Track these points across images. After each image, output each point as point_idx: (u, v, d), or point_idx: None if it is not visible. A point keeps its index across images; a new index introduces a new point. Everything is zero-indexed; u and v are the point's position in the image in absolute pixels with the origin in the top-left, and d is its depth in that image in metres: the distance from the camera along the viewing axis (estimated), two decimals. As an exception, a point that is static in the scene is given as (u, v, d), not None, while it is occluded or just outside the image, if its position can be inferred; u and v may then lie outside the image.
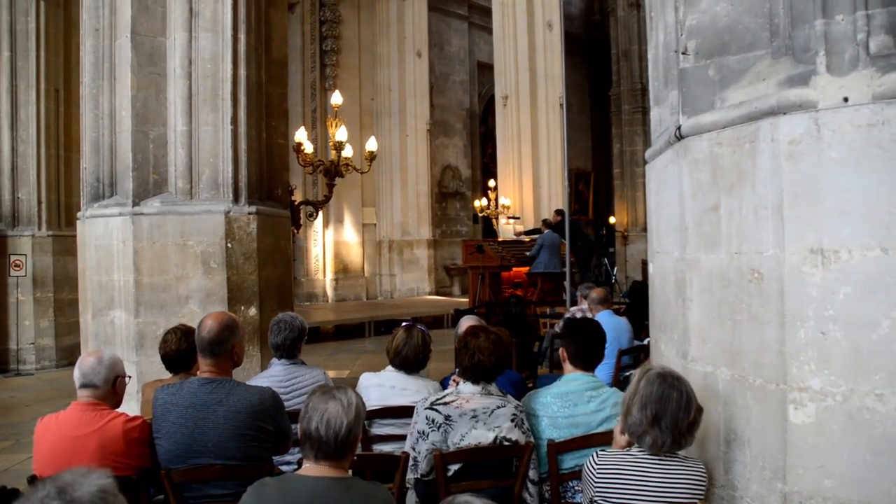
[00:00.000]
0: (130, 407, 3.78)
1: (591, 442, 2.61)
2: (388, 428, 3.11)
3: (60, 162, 8.82)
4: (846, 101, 1.75)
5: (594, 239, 16.47)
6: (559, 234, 10.57)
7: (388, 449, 3.05)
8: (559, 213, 11.66)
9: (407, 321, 3.41)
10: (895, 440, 1.70)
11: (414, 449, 2.65)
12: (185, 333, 3.17)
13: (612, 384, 4.03)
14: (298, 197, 7.98)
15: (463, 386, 2.71)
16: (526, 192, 14.49)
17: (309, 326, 3.48)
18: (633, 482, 2.03)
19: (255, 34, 4.86)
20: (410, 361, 3.21)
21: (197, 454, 2.46)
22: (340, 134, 6.72)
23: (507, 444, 2.59)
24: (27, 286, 8.55)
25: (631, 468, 2.05)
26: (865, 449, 1.74)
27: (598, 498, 2.07)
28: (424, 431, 2.61)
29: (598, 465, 2.09)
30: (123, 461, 2.48)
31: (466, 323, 3.42)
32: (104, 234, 4.75)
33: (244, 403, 2.50)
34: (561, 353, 2.90)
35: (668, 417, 1.98)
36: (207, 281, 4.62)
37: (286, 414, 2.70)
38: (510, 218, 14.20)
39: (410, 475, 2.62)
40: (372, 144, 7.24)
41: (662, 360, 2.52)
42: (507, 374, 3.35)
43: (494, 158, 16.10)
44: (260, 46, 4.98)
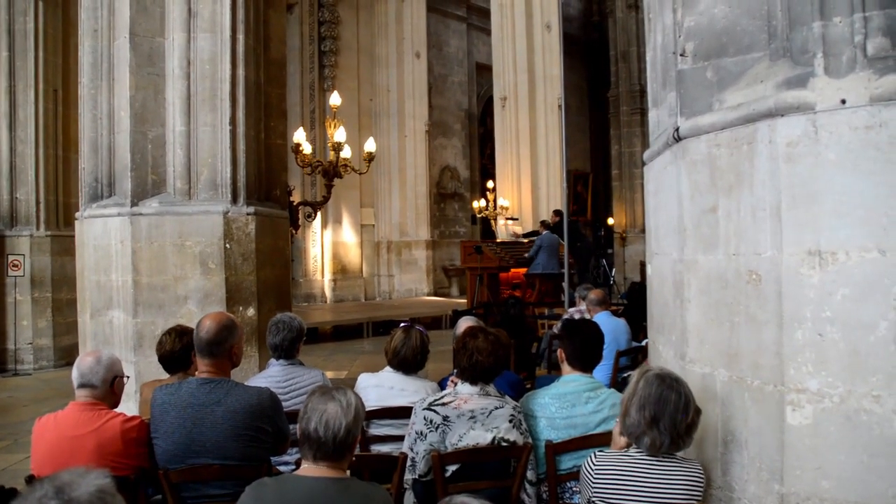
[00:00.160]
0: (129, 407, 3.78)
1: (589, 443, 2.61)
2: (386, 428, 3.11)
3: (59, 162, 8.82)
4: (844, 103, 1.75)
5: (593, 240, 16.48)
6: (558, 234, 10.57)
7: (386, 449, 3.05)
8: (557, 213, 11.67)
9: (405, 322, 3.42)
10: (892, 441, 1.71)
11: (412, 449, 2.65)
12: (179, 334, 3.17)
13: (610, 385, 4.04)
14: (297, 197, 7.97)
15: (461, 387, 2.71)
16: (524, 193, 14.50)
17: (307, 327, 3.49)
18: (630, 483, 2.03)
19: (253, 35, 4.86)
20: (409, 362, 3.21)
21: (195, 454, 2.45)
22: (339, 135, 6.72)
23: (505, 444, 2.59)
24: (25, 286, 8.55)
25: (629, 469, 2.05)
26: (863, 450, 1.74)
27: (595, 499, 2.07)
28: (422, 432, 2.61)
29: (595, 465, 2.10)
30: (121, 461, 2.48)
31: (465, 324, 3.42)
32: (102, 234, 4.74)
33: (242, 404, 2.50)
34: (559, 354, 2.90)
35: (666, 419, 1.98)
36: (206, 281, 4.61)
37: (284, 414, 2.70)
38: (509, 219, 14.20)
39: (408, 476, 2.62)
40: (370, 145, 7.24)
41: (660, 361, 2.52)
42: (505, 374, 3.35)
43: (493, 159, 16.12)
44: (258, 47, 4.98)
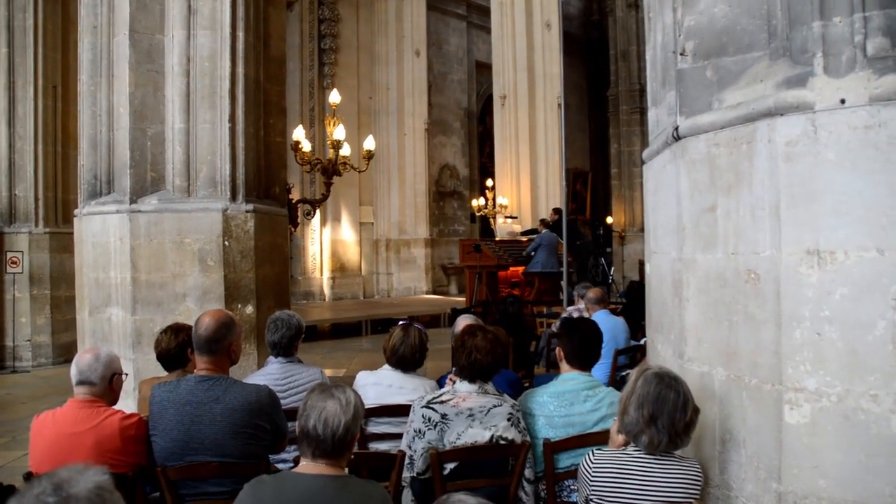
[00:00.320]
0: (127, 404, 3.77)
1: (587, 441, 2.61)
2: (384, 426, 3.11)
3: (58, 159, 8.80)
4: (843, 102, 1.75)
5: (591, 239, 16.49)
6: (557, 233, 10.57)
7: (384, 447, 3.05)
8: (557, 211, 11.67)
9: (404, 320, 3.41)
10: (890, 441, 1.71)
11: (410, 447, 2.65)
12: (175, 331, 3.18)
13: (608, 384, 4.03)
14: (296, 195, 7.96)
15: (459, 385, 2.71)
16: (523, 191, 14.51)
17: (306, 325, 3.49)
18: (628, 481, 2.03)
19: (253, 32, 4.86)
20: (407, 360, 3.21)
21: (193, 451, 2.45)
22: (338, 132, 6.71)
23: (503, 443, 2.60)
24: (24, 283, 8.54)
25: (627, 467, 2.05)
26: (860, 449, 1.75)
27: (593, 497, 2.08)
28: (421, 430, 2.62)
29: (594, 464, 2.10)
30: (120, 458, 2.48)
31: (463, 322, 3.42)
32: (101, 231, 4.74)
33: (241, 401, 2.50)
34: (557, 352, 2.90)
35: (664, 417, 1.98)
36: (204, 279, 4.61)
37: (283, 412, 2.70)
38: (508, 217, 14.19)
39: (406, 474, 2.62)
40: (370, 143, 7.23)
41: (659, 359, 2.52)
42: (503, 373, 3.36)
43: (492, 158, 16.13)
44: (258, 44, 4.97)
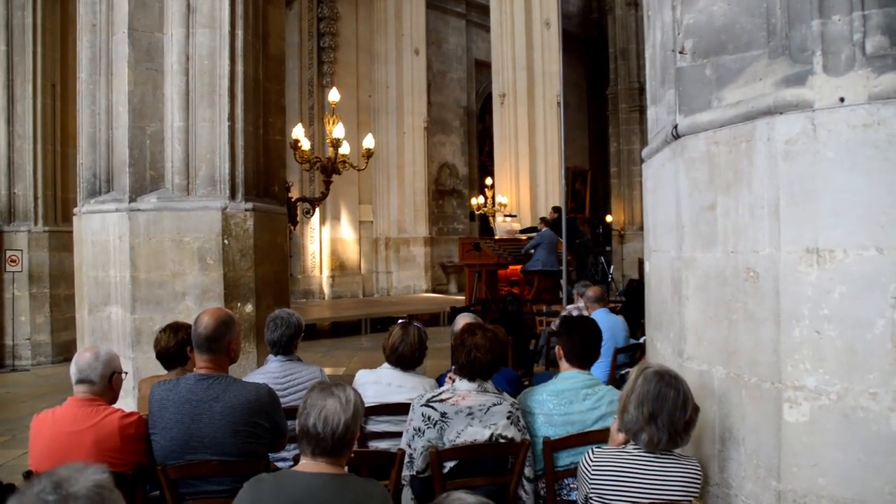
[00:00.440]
0: (127, 403, 3.77)
1: (586, 439, 2.61)
2: (384, 425, 3.11)
3: (57, 157, 8.79)
4: (842, 101, 1.76)
5: (591, 237, 16.49)
6: (556, 231, 10.57)
7: (383, 446, 3.05)
8: (556, 210, 11.67)
9: (403, 318, 3.42)
10: (889, 439, 1.71)
11: (410, 446, 2.65)
12: (174, 330, 3.19)
13: (608, 382, 4.04)
14: (295, 194, 7.96)
15: (459, 383, 2.71)
16: (523, 190, 14.50)
17: (305, 323, 3.49)
18: (628, 479, 2.03)
19: (252, 30, 4.85)
20: (407, 359, 3.21)
21: (193, 450, 2.46)
22: (338, 131, 6.71)
23: (502, 441, 2.60)
24: (23, 282, 8.53)
25: (626, 465, 2.05)
26: (859, 448, 1.75)
27: (593, 495, 2.08)
28: (420, 428, 2.62)
29: (593, 462, 2.10)
30: (119, 457, 2.48)
31: (463, 320, 3.42)
32: (101, 229, 4.74)
33: (240, 400, 2.50)
34: (557, 351, 2.90)
35: (664, 415, 1.98)
36: (204, 277, 4.61)
37: (282, 410, 2.70)
38: (507, 216, 14.19)
39: (406, 472, 2.62)
40: (369, 141, 7.23)
41: (658, 358, 2.53)
42: (503, 371, 3.36)
43: (492, 156, 16.12)
44: (257, 43, 4.97)
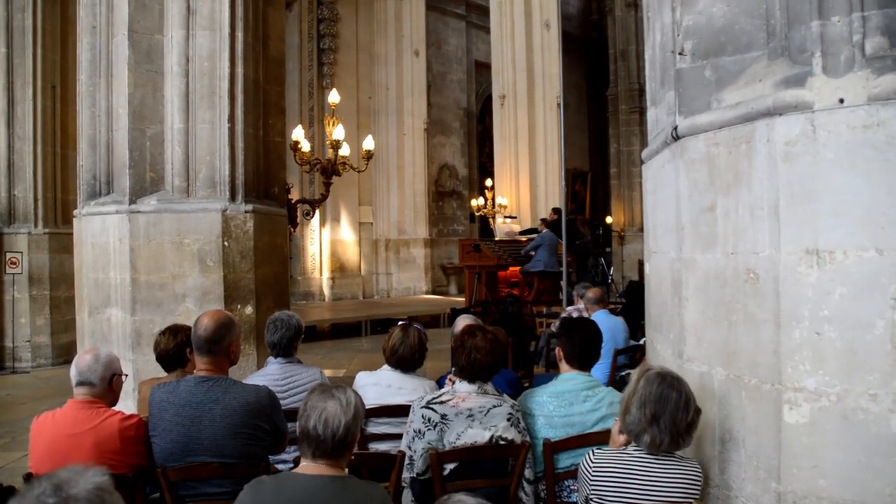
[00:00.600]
0: (127, 405, 3.77)
1: (586, 441, 2.61)
2: (384, 427, 3.11)
3: (57, 159, 8.79)
4: (842, 102, 1.76)
5: (591, 239, 16.49)
6: (556, 232, 10.57)
7: (384, 448, 3.05)
8: (556, 211, 11.67)
9: (403, 320, 3.42)
10: (889, 440, 1.71)
11: (410, 448, 2.64)
12: (174, 332, 3.19)
13: (608, 384, 4.04)
14: (295, 195, 7.95)
15: (459, 385, 2.71)
16: (523, 191, 14.51)
17: (305, 325, 3.48)
18: (628, 481, 2.03)
19: (252, 32, 4.85)
20: (407, 360, 3.21)
21: (193, 452, 2.45)
22: (338, 132, 6.71)
23: (502, 443, 2.60)
24: (23, 284, 8.53)
25: (627, 467, 2.05)
26: (860, 449, 1.75)
27: (593, 497, 2.08)
28: (420, 430, 2.61)
29: (593, 463, 2.10)
30: (120, 459, 2.48)
31: (463, 322, 3.42)
32: (101, 231, 4.74)
33: (240, 402, 2.50)
34: (557, 352, 2.90)
35: (666, 417, 1.98)
36: (204, 279, 4.61)
37: (282, 412, 2.70)
38: (507, 217, 14.19)
39: (406, 474, 2.62)
40: (369, 143, 7.23)
41: (658, 359, 2.52)
42: (503, 373, 3.35)
43: (491, 158, 16.13)
44: (257, 44, 4.97)
